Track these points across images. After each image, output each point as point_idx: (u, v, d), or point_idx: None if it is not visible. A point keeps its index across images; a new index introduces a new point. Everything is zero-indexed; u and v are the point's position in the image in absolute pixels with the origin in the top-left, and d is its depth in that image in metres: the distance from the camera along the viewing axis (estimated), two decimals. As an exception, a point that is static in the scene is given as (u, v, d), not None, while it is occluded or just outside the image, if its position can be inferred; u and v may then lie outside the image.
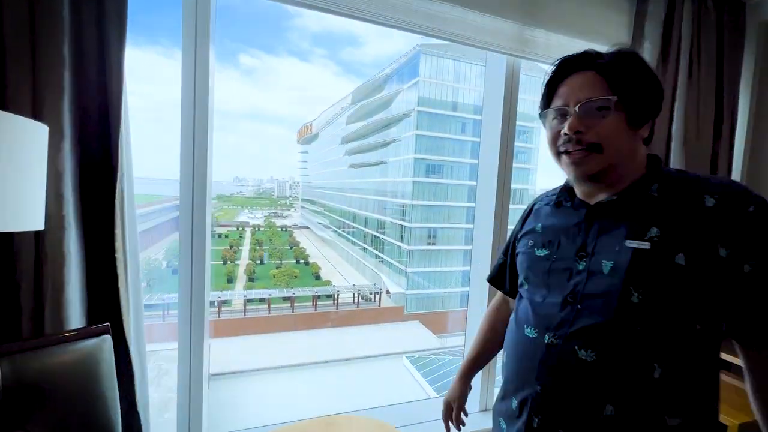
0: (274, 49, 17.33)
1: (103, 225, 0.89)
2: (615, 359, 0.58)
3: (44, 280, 0.82)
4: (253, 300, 17.15)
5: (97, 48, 0.86)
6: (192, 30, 1.11)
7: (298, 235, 28.50)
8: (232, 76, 20.02)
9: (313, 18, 48.26)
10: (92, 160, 0.87)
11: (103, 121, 0.87)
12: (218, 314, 15.31)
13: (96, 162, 0.87)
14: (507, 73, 1.54)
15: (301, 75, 25.30)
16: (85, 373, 0.64)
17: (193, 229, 1.17)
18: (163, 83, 17.58)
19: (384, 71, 23.76)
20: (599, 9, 1.57)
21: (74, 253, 0.85)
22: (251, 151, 42.98)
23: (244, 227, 28.65)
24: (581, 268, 0.63)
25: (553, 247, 0.69)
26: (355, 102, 26.62)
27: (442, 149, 20.24)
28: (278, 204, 35.53)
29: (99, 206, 0.88)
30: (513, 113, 1.57)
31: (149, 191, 24.00)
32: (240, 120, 31.32)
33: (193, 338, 1.22)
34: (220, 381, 10.25)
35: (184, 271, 1.16)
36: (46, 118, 0.79)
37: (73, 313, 0.85)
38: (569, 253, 0.66)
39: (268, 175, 20.59)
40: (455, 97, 21.03)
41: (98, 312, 0.91)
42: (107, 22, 0.85)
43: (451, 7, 1.34)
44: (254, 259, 22.70)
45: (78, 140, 0.84)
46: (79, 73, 0.83)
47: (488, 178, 1.64)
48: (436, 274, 19.44)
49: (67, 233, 0.83)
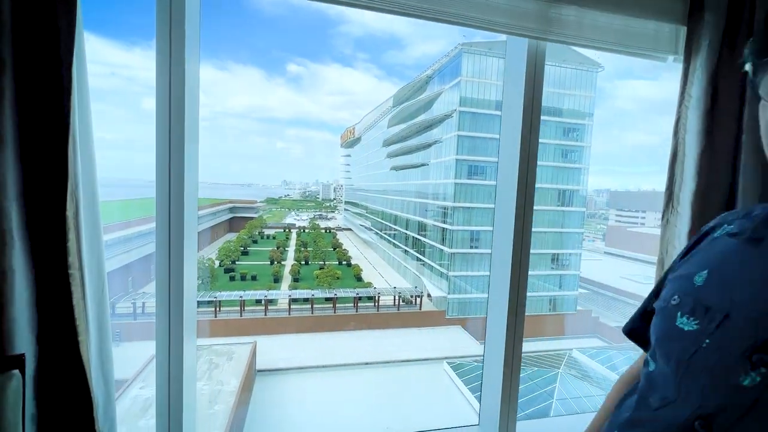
0: (318, 56, 17.97)
1: (53, 237, 0.82)
2: None
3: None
4: (298, 300, 17.64)
5: (44, 45, 0.79)
6: (166, 32, 1.04)
7: (341, 237, 28.99)
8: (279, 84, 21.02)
9: (356, 24, 49.10)
10: (39, 168, 0.81)
11: (52, 129, 0.81)
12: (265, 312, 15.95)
13: (44, 170, 0.81)
14: (529, 58, 1.32)
15: (344, 80, 26.06)
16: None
17: (170, 228, 1.10)
18: (217, 93, 18.59)
19: (425, 72, 23.49)
20: (645, -23, 1.31)
21: (19, 270, 0.79)
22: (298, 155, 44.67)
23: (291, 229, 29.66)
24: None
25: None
26: (396, 104, 26.59)
27: (485, 150, 19.57)
28: (323, 206, 36.40)
29: (48, 217, 0.82)
30: (537, 105, 1.35)
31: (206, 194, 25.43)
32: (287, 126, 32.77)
33: (173, 339, 1.15)
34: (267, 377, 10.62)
35: (162, 275, 1.10)
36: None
37: (19, 334, 0.79)
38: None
39: (313, 179, 21.25)
40: (499, 95, 20.26)
41: (51, 333, 0.85)
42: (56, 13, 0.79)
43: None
44: (299, 260, 23.38)
45: (19, 149, 0.79)
46: (21, 76, 0.78)
47: (508, 177, 1.43)
48: (479, 278, 18.80)
49: (9, 249, 0.77)
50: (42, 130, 0.81)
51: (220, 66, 16.05)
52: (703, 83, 1.29)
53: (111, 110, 5.13)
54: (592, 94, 20.09)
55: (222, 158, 17.73)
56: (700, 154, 1.29)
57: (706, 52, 1.28)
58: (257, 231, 27.90)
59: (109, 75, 4.64)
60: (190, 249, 1.16)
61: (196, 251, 1.23)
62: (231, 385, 8.05)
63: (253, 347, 10.03)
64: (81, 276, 0.86)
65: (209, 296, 15.95)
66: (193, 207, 1.19)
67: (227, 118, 14.06)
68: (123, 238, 6.82)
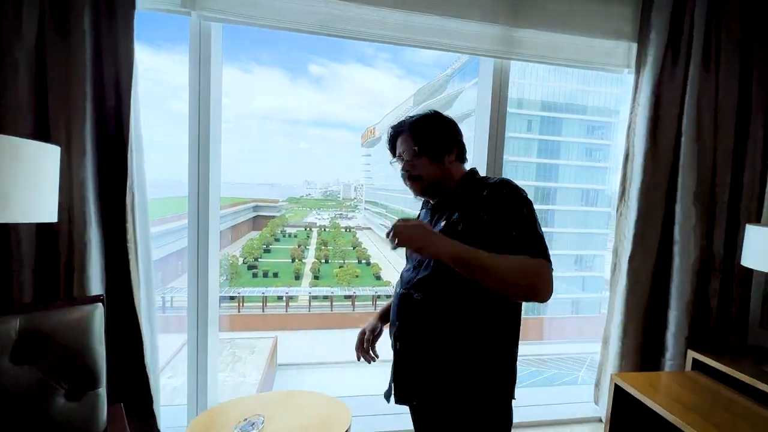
0: (340, 56, 18.37)
1: (117, 219, 1.13)
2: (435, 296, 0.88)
3: (74, 259, 1.08)
4: (317, 297, 18.06)
5: (113, 83, 1.10)
6: (197, 50, 1.34)
7: (360, 236, 29.27)
8: (301, 85, 21.76)
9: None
10: (108, 169, 1.12)
11: (117, 139, 1.12)
12: (285, 309, 16.42)
13: (111, 171, 1.12)
14: (495, 74, 1.56)
15: (365, 80, 26.62)
16: (81, 329, 0.86)
17: (198, 230, 1.40)
18: (241, 95, 19.68)
19: (446, 71, 23.52)
20: (598, 3, 1.51)
21: (94, 241, 1.10)
22: (319, 155, 45.90)
23: (312, 227, 30.16)
24: None
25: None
26: (417, 104, 26.63)
27: (506, 148, 19.40)
28: (343, 205, 36.74)
29: (114, 205, 1.13)
30: (503, 112, 1.58)
31: (230, 193, 26.23)
32: (309, 126, 33.80)
33: (200, 332, 1.44)
34: (287, 371, 10.98)
35: (192, 269, 1.40)
36: (74, 141, 1.06)
37: (94, 285, 1.11)
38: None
39: (334, 178, 22.10)
40: (520, 93, 20.08)
41: (114, 286, 1.17)
42: (119, 64, 1.10)
43: (429, 18, 1.41)
44: (319, 258, 23.81)
45: (97, 155, 1.10)
46: (98, 104, 1.09)
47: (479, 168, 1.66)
48: (499, 279, 18.60)
49: (88, 226, 1.08)
50: (110, 142, 1.12)
51: (244, 68, 16.82)
52: (648, 92, 1.48)
53: (144, 112, 5.55)
54: (618, 90, 19.60)
55: (247, 159, 18.55)
56: (645, 154, 1.49)
57: (652, 66, 1.48)
58: (279, 229, 28.55)
59: (142, 79, 5.06)
60: (213, 247, 1.44)
61: (218, 249, 1.50)
62: (252, 377, 8.37)
63: (274, 342, 10.40)
64: (135, 248, 1.17)
65: (233, 292, 16.59)
66: (216, 207, 1.46)
67: (251, 119, 14.77)
68: (159, 233, 7.29)
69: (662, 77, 1.47)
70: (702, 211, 1.47)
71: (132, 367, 1.21)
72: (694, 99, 1.45)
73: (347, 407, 1.15)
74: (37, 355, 0.82)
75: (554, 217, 14.58)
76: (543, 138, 16.29)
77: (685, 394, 1.23)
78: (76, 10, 1.07)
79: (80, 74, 1.07)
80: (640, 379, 1.32)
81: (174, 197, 1.42)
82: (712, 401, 1.21)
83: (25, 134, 1.04)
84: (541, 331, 9.79)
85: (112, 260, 1.16)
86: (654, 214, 1.51)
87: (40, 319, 0.83)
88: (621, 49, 1.58)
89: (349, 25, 1.37)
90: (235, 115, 14.73)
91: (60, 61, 1.06)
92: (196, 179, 1.38)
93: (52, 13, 1.07)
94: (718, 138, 1.47)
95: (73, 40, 1.07)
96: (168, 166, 1.91)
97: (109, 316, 1.17)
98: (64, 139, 1.05)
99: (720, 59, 1.46)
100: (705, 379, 1.35)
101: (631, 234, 1.52)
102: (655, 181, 1.49)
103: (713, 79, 1.46)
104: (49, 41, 1.06)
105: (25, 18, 1.05)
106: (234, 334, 12.89)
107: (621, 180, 1.57)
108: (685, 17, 1.46)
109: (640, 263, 1.51)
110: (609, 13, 1.53)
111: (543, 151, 16.38)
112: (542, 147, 16.47)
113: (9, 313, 0.82)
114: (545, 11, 1.48)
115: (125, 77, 1.11)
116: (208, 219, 1.41)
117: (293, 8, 1.32)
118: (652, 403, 1.17)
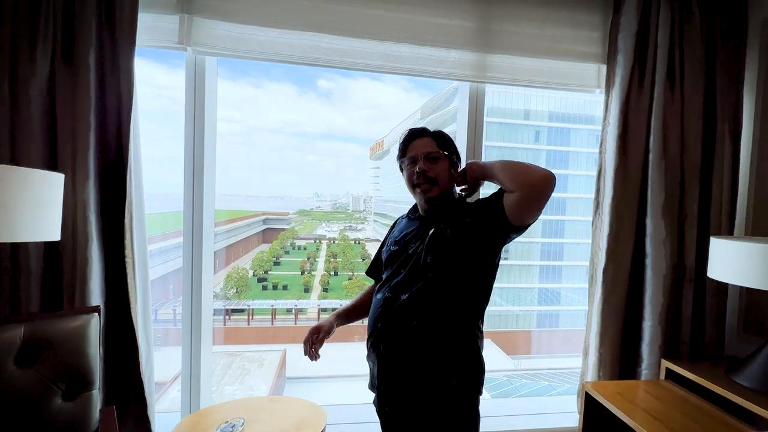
0: (348, 71, 19.25)
1: (117, 237, 1.25)
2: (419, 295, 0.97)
3: (77, 273, 1.19)
4: (327, 309, 18.07)
5: (114, 113, 1.23)
6: (192, 81, 1.47)
7: (369, 248, 29.25)
8: (310, 99, 22.26)
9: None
10: (108, 192, 1.24)
11: (117, 164, 1.24)
12: (295, 321, 16.48)
13: (111, 193, 1.24)
14: (471, 96, 1.65)
15: (373, 93, 27.15)
16: (78, 336, 0.96)
17: (192, 245, 1.51)
18: (252, 110, 20.28)
19: (453, 84, 23.70)
20: (569, 28, 1.60)
21: (95, 257, 1.21)
22: (329, 168, 46.54)
23: (321, 240, 30.29)
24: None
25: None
26: (424, 116, 26.91)
27: (514, 159, 19.31)
28: (352, 218, 36.90)
29: (113, 224, 1.25)
30: (479, 132, 1.67)
31: (240, 207, 26.63)
32: (318, 140, 34.42)
33: (194, 344, 1.54)
34: (295, 384, 10.97)
35: (185, 282, 1.51)
36: (78, 167, 1.18)
37: (94, 297, 1.21)
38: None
39: (344, 191, 22.47)
40: (527, 104, 20.14)
41: (114, 298, 1.28)
42: (120, 96, 1.23)
43: (403, 47, 1.51)
44: (329, 271, 23.87)
45: (99, 179, 1.22)
46: (100, 133, 1.22)
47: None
48: (510, 291, 18.46)
49: (90, 244, 1.20)
50: (110, 167, 1.24)
51: (256, 84, 17.41)
52: (617, 111, 1.56)
53: (159, 129, 5.86)
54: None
55: (257, 172, 19.09)
56: (615, 170, 1.55)
57: (619, 86, 1.56)
58: (289, 242, 28.76)
59: (157, 96, 5.36)
60: (207, 264, 1.53)
61: (212, 264, 1.59)
62: (261, 390, 8.40)
63: (283, 355, 10.42)
64: (132, 263, 1.28)
65: (243, 304, 16.72)
66: (210, 223, 1.57)
67: (262, 134, 15.34)
68: (162, 249, 7.49)
69: (629, 96, 1.55)
70: (671, 224, 1.52)
71: (128, 373, 1.31)
72: (660, 116, 1.52)
73: (324, 412, 1.23)
74: (38, 359, 0.92)
75: (564, 227, 14.46)
76: (551, 148, 16.28)
77: (653, 403, 1.27)
78: (83, 49, 1.20)
79: (85, 107, 1.19)
80: (610, 387, 1.36)
81: (176, 212, 1.54)
82: (679, 410, 1.24)
83: (36, 161, 1.17)
84: (556, 343, 9.64)
85: (111, 274, 1.27)
86: (625, 228, 1.56)
87: (42, 327, 0.93)
88: (592, 71, 1.66)
89: (330, 56, 1.48)
90: (246, 129, 15.15)
91: (68, 96, 1.19)
92: (191, 195, 1.50)
93: (62, 52, 1.21)
94: (685, 153, 1.53)
95: (80, 77, 1.20)
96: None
97: (108, 325, 1.28)
98: (69, 166, 1.18)
99: (684, 76, 1.53)
100: (676, 388, 1.38)
101: (604, 246, 1.57)
102: (625, 195, 1.55)
103: (678, 96, 1.53)
104: (59, 79, 1.19)
105: (38, 58, 1.18)
106: (243, 347, 12.97)
107: (595, 194, 1.63)
108: (649, 38, 1.54)
109: (613, 275, 1.56)
110: (579, 37, 1.62)
111: (552, 161, 16.35)
112: (550, 157, 16.45)
113: (15, 321, 0.92)
114: (518, 36, 1.58)
115: (125, 108, 1.23)
116: (202, 235, 1.51)
117: (278, 42, 1.44)
118: (618, 411, 1.22)
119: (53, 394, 0.92)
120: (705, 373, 1.33)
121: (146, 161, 1.33)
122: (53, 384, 0.92)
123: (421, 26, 1.50)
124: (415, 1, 1.49)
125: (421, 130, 1.08)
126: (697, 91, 1.54)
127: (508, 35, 1.57)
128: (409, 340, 0.96)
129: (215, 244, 1.62)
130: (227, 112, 16.46)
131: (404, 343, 0.97)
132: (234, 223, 15.14)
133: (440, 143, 1.06)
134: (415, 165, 1.05)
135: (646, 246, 1.56)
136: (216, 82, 1.58)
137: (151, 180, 1.36)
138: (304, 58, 1.48)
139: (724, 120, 1.54)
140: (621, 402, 1.26)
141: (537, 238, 18.12)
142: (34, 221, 0.92)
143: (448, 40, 1.53)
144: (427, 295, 0.96)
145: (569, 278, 11.61)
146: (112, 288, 1.28)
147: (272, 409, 1.27)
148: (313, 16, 1.43)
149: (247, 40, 1.43)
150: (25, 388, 0.89)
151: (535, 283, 18.21)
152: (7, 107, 1.16)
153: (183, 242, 1.51)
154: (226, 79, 13.87)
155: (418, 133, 1.08)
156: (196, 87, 1.48)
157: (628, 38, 1.55)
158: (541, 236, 17.71)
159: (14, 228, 0.88)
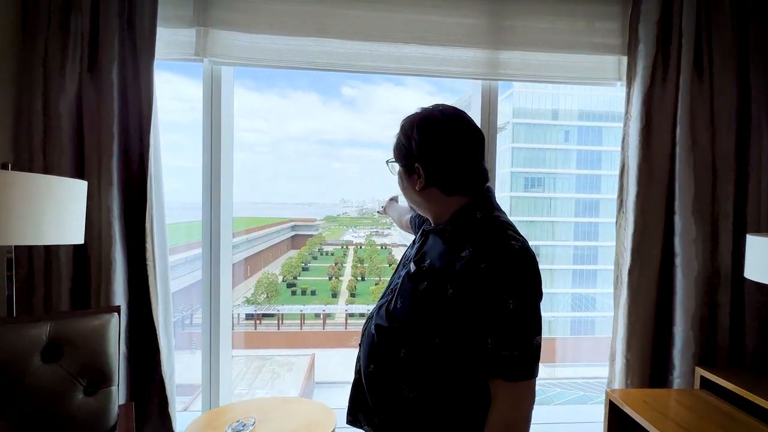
0: (371, 77, 18.88)
1: (138, 240, 1.31)
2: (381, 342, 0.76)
3: (102, 275, 1.26)
4: (354, 314, 18.15)
5: (136, 124, 1.30)
6: (209, 91, 1.53)
7: (396, 253, 29.16)
8: (335, 107, 22.83)
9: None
10: (131, 197, 1.31)
11: (138, 171, 1.31)
12: (323, 326, 16.67)
13: (133, 199, 1.31)
14: (483, 95, 1.62)
15: (396, 98, 27.63)
16: (98, 335, 1.01)
17: (211, 255, 1.55)
18: (278, 120, 21.09)
19: (476, 85, 23.39)
20: (584, 20, 1.55)
21: (119, 260, 1.28)
22: (354, 174, 47.35)
23: (348, 245, 30.52)
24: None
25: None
26: (449, 120, 26.64)
27: (543, 161, 18.81)
28: (379, 223, 36.96)
29: (135, 228, 1.31)
30: (492, 132, 1.63)
31: (269, 214, 27.31)
32: (342, 147, 35.00)
33: (212, 348, 1.58)
34: (324, 389, 11.07)
35: (205, 288, 1.55)
36: (103, 174, 1.25)
37: (118, 298, 1.28)
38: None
39: (370, 196, 22.48)
40: (555, 104, 19.58)
41: (136, 299, 1.34)
42: (141, 107, 1.30)
43: (416, 48, 1.51)
44: (356, 276, 23.99)
45: (122, 185, 1.29)
46: (123, 142, 1.29)
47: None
48: (543, 296, 17.81)
49: (114, 246, 1.26)
50: (133, 174, 1.31)
51: (281, 94, 17.94)
52: (639, 104, 1.48)
53: (190, 140, 6.17)
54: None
55: (285, 180, 19.55)
56: (639, 166, 1.48)
57: (642, 78, 1.48)
58: (317, 248, 29.12)
59: (190, 110, 5.71)
60: (225, 272, 1.57)
61: (230, 272, 1.63)
62: (290, 394, 8.53)
63: (312, 359, 10.54)
64: (153, 266, 1.33)
65: (272, 309, 17.09)
66: (228, 233, 1.60)
67: (288, 143, 15.72)
68: (189, 258, 7.83)
69: (653, 88, 1.47)
70: (703, 222, 1.42)
71: (150, 372, 1.37)
72: (686, 106, 1.43)
73: (334, 414, 1.23)
74: (62, 355, 0.98)
75: (598, 229, 13.88)
76: (582, 148, 15.72)
77: (684, 413, 1.19)
78: (108, 64, 1.28)
79: (109, 119, 1.27)
80: (636, 395, 1.28)
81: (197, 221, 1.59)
82: (715, 421, 1.15)
83: (65, 169, 1.25)
84: (586, 351, 9.24)
85: (134, 278, 1.33)
86: (652, 226, 1.48)
87: (66, 325, 0.99)
88: (611, 63, 1.59)
89: (340, 60, 1.50)
90: (273, 139, 15.55)
91: (93, 109, 1.27)
92: (209, 203, 1.55)
93: (89, 67, 1.29)
94: (716, 146, 1.44)
95: (104, 91, 1.28)
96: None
97: (132, 326, 1.34)
98: (95, 173, 1.25)
99: (713, 65, 1.44)
100: (712, 398, 1.28)
101: (629, 246, 1.49)
102: (650, 192, 1.47)
103: (707, 87, 1.44)
104: (86, 94, 1.28)
105: (68, 74, 1.27)
106: (273, 351, 13.23)
107: (618, 192, 1.55)
108: (672, 27, 1.46)
109: (640, 276, 1.48)
110: (595, 28, 1.56)
111: (581, 161, 15.76)
112: (580, 157, 15.87)
113: (42, 320, 0.98)
114: (531, 31, 1.54)
115: (146, 118, 1.30)
116: (220, 243, 1.55)
117: (289, 49, 1.48)
118: (644, 420, 1.15)
119: (75, 389, 0.97)
120: (744, 382, 1.23)
121: (178, 172, 1.40)
122: (75, 379, 0.98)
123: (428, 26, 1.50)
124: (423, 2, 1.49)
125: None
126: (728, 78, 1.44)
127: (521, 30, 1.53)
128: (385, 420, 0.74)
129: (246, 251, 1.66)
130: (255, 123, 16.94)
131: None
132: (264, 230, 15.55)
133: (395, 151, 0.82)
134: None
135: (675, 245, 1.46)
136: (232, 92, 1.63)
137: (180, 190, 1.41)
138: (315, 64, 1.50)
139: (760, 108, 1.44)
140: (648, 412, 1.18)
141: (569, 242, 17.49)
142: (59, 225, 0.98)
143: (458, 38, 1.51)
144: (391, 362, 0.72)
145: (604, 284, 11.08)
146: (135, 291, 1.34)
147: (284, 409, 1.29)
148: (322, 22, 1.46)
149: (261, 49, 1.47)
150: (50, 382, 0.94)
151: (569, 288, 17.56)
152: (40, 122, 1.25)
153: (201, 250, 1.55)
154: (253, 90, 14.26)
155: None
156: (212, 97, 1.54)
157: (649, 27, 1.47)
158: (573, 239, 17.08)
159: (41, 231, 0.94)
